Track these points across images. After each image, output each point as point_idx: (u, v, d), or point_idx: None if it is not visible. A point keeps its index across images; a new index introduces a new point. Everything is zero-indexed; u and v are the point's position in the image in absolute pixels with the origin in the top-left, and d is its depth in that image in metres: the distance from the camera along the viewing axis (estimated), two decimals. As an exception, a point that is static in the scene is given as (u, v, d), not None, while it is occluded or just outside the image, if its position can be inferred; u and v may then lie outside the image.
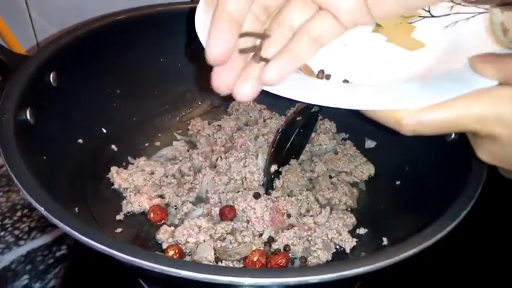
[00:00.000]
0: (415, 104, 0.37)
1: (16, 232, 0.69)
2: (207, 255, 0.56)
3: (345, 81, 0.47)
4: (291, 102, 0.77)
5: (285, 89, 0.39)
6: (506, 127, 0.36)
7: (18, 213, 0.72)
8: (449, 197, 0.49)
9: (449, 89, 0.37)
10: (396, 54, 0.50)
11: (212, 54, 0.35)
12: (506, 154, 0.38)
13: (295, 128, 0.67)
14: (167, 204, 0.65)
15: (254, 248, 0.57)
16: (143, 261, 0.38)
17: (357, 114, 0.70)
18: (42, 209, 0.42)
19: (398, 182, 0.66)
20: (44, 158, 0.55)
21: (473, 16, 0.48)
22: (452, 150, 0.57)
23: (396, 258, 0.41)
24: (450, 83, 0.38)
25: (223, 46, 0.35)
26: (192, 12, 0.72)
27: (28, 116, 0.54)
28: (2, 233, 0.69)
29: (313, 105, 0.66)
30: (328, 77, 0.48)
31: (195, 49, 0.42)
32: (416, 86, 0.40)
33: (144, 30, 0.72)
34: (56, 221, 0.42)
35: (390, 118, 0.38)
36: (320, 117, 0.76)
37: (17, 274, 0.64)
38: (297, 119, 0.67)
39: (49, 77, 0.60)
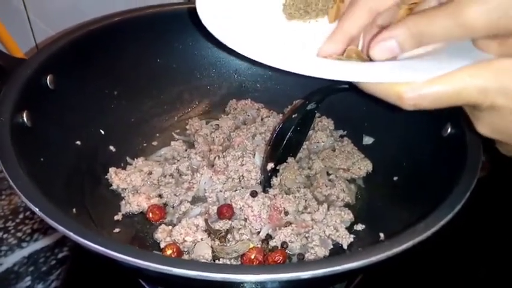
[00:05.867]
0: (417, 77, 0.36)
1: (19, 234, 0.70)
2: (204, 253, 0.56)
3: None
4: (290, 98, 0.78)
5: (285, 62, 0.39)
6: (509, 98, 0.35)
7: (21, 216, 0.72)
8: (445, 191, 0.48)
9: (450, 62, 0.37)
10: None
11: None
12: (508, 126, 0.38)
13: (291, 125, 0.67)
14: (165, 204, 0.65)
15: (251, 245, 0.58)
16: (137, 260, 0.38)
17: (355, 108, 0.72)
18: (37, 209, 0.42)
19: (395, 178, 0.66)
20: (42, 160, 0.55)
21: None
22: (448, 145, 0.57)
23: (389, 253, 0.40)
24: (450, 57, 0.38)
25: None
26: (189, 12, 0.74)
27: (25, 119, 0.54)
28: (5, 236, 0.69)
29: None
30: None
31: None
32: (416, 60, 0.40)
33: (140, 32, 0.73)
34: (51, 222, 0.42)
35: (391, 93, 0.37)
36: (317, 115, 0.76)
37: (19, 276, 0.64)
38: (293, 116, 0.67)
39: (46, 79, 0.60)
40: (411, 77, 0.36)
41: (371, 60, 0.41)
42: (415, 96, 0.36)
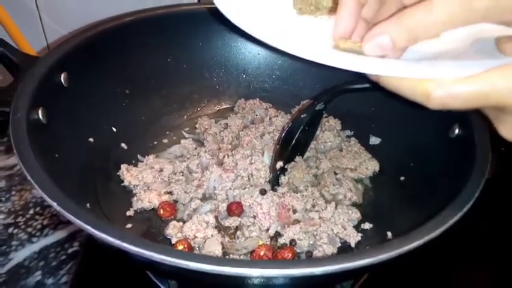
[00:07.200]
0: (450, 74, 0.35)
1: (29, 229, 0.71)
2: (214, 249, 0.57)
3: None
4: (297, 99, 0.79)
5: (311, 52, 0.38)
6: None
7: (31, 211, 0.73)
8: (452, 191, 0.49)
9: (482, 62, 0.35)
10: None
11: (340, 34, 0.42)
12: None
13: (300, 125, 0.68)
14: (175, 201, 0.66)
15: (261, 242, 0.59)
16: (155, 254, 0.39)
17: (363, 109, 0.72)
18: (55, 204, 0.43)
19: (402, 178, 0.67)
20: (56, 156, 0.56)
21: None
22: (456, 146, 0.58)
23: (399, 251, 0.41)
24: (477, 58, 0.37)
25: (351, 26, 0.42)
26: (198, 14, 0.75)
27: (40, 116, 0.55)
28: (15, 231, 0.70)
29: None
30: None
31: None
32: (443, 59, 0.38)
33: (152, 32, 0.73)
34: (69, 216, 0.43)
35: (418, 90, 0.36)
36: (325, 115, 0.76)
37: (30, 270, 0.65)
38: (302, 116, 0.68)
39: (60, 77, 0.61)
40: (444, 74, 0.35)
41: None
42: (444, 95, 0.35)
